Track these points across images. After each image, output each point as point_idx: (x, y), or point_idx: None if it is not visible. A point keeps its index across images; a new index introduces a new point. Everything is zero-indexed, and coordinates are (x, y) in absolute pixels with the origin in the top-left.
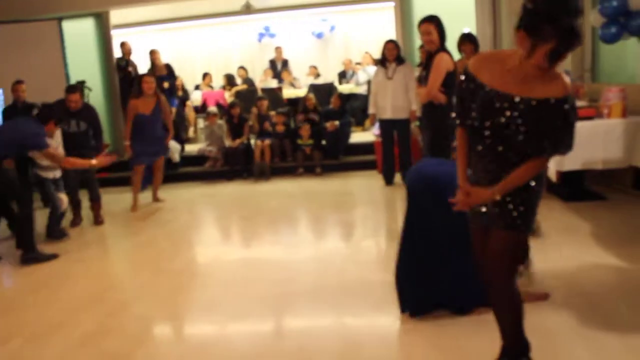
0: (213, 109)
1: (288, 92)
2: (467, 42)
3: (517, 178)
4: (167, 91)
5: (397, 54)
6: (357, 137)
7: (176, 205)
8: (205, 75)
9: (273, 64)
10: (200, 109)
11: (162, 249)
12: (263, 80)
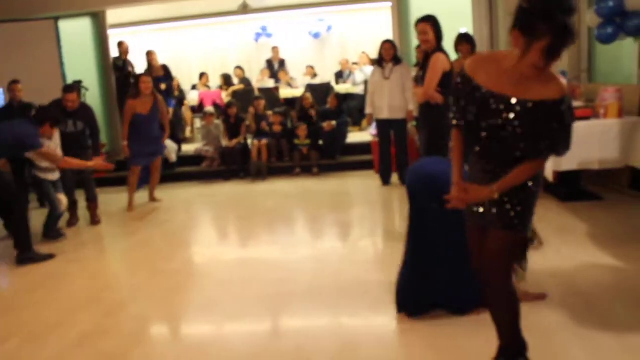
0: (210, 108)
1: (285, 92)
2: (464, 42)
3: (515, 178)
4: (164, 92)
5: (394, 54)
6: (354, 137)
7: (173, 205)
8: (202, 75)
9: (270, 63)
10: (197, 109)
11: (159, 249)
12: (260, 80)
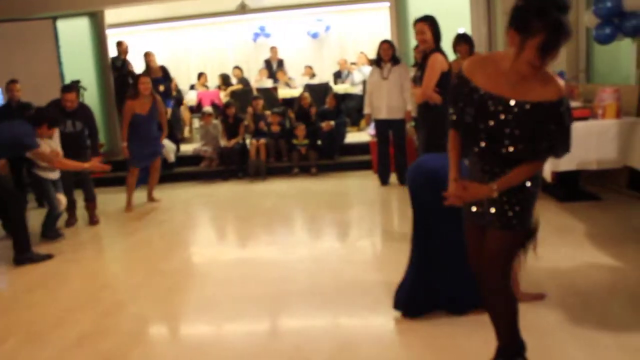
0: (208, 108)
1: (283, 92)
2: (463, 42)
3: (514, 177)
4: (163, 94)
5: (392, 54)
6: (353, 137)
7: (171, 205)
8: (201, 75)
9: (268, 63)
10: (196, 109)
11: (158, 249)
12: (258, 80)
